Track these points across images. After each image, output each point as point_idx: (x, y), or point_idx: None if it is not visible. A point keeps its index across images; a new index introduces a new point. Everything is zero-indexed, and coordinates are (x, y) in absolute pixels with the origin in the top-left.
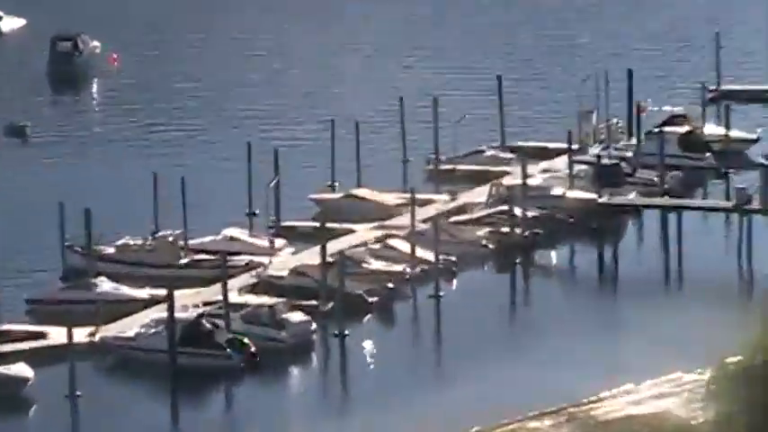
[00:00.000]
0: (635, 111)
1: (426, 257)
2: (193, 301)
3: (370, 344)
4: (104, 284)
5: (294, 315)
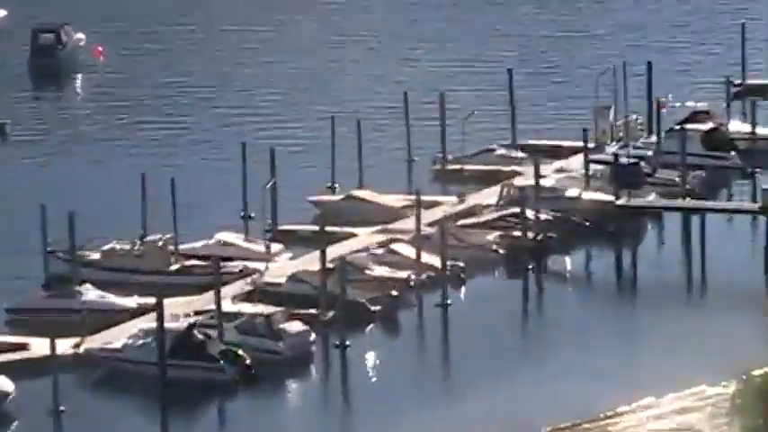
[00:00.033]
0: (655, 107)
1: (433, 263)
2: (184, 310)
3: (372, 355)
4: (90, 292)
5: (292, 325)
